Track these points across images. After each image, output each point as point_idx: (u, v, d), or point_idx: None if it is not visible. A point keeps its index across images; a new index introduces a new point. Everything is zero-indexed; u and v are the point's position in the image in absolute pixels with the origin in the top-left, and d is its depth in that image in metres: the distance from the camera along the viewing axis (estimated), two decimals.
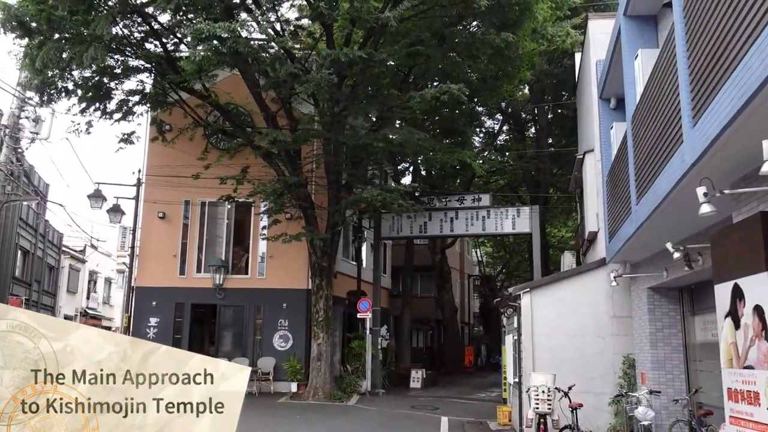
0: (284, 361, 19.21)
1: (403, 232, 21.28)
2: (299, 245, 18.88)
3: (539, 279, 13.06)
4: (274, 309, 19.87)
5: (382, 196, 15.35)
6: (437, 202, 20.67)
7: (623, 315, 11.89)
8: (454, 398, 20.31)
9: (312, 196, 18.74)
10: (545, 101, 23.77)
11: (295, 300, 19.86)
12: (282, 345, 19.69)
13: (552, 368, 11.81)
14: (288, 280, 19.99)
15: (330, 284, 18.37)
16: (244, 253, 20.80)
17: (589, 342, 11.87)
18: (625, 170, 9.36)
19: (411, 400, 18.97)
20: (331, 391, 17.84)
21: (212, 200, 20.28)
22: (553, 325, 12.03)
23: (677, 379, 10.27)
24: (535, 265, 19.79)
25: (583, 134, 14.59)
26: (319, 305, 18.13)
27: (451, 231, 20.73)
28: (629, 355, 11.50)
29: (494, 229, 20.23)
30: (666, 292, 10.50)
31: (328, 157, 17.02)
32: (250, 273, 20.41)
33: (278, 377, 19.15)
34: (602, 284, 12.07)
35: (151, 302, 19.94)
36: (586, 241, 13.56)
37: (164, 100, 18.35)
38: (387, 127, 14.78)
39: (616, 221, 10.28)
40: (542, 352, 11.93)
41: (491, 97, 17.39)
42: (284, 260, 20.00)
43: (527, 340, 11.96)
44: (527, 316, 12.05)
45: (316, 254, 18.16)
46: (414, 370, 24.02)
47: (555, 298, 12.17)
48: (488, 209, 20.31)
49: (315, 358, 17.95)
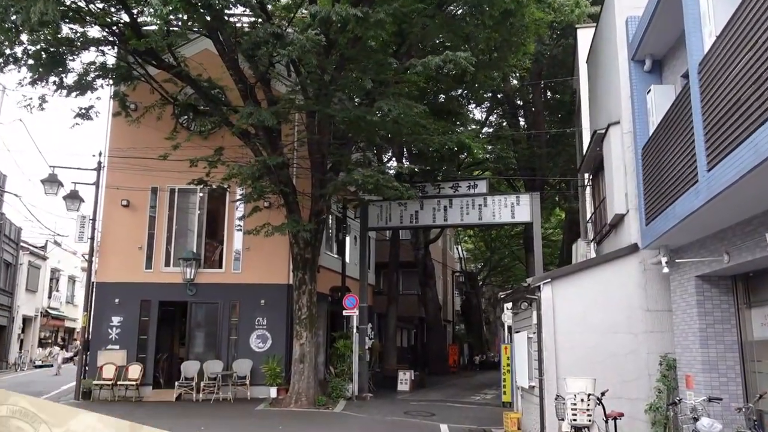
0: (262, 363, 17.42)
1: (392, 221, 19.60)
2: (279, 235, 17.11)
3: (561, 268, 11.50)
4: (252, 306, 18.05)
5: (374, 177, 13.62)
6: (430, 189, 19.04)
7: (659, 309, 10.36)
8: (448, 402, 18.70)
9: (294, 180, 16.98)
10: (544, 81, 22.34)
11: (274, 296, 18.07)
12: (260, 346, 17.88)
13: (577, 370, 10.22)
14: (267, 275, 18.19)
15: (314, 278, 16.62)
16: (218, 245, 18.93)
17: (620, 340, 10.33)
18: (682, 134, 7.81)
19: (402, 405, 17.31)
20: (315, 396, 16.11)
21: (183, 187, 18.37)
22: (578, 321, 10.47)
23: (732, 383, 8.76)
24: (537, 258, 18.26)
25: (602, 106, 13.07)
26: (301, 301, 16.37)
27: (444, 220, 19.12)
28: (667, 355, 9.98)
29: (492, 218, 18.66)
30: (717, 281, 8.98)
31: (312, 136, 15.25)
32: (224, 267, 18.55)
33: (256, 381, 17.35)
34: (634, 273, 10.54)
35: (113, 299, 17.95)
36: (607, 227, 12.03)
37: (129, 73, 16.42)
38: (381, 100, 13.05)
39: (662, 198, 8.73)
40: (565, 352, 10.36)
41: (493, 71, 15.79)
42: (262, 252, 18.19)
43: (549, 338, 10.37)
44: (548, 311, 10.47)
45: (298, 245, 16.39)
46: (401, 371, 22.40)
47: (580, 289, 10.61)
48: (485, 197, 18.73)
49: (297, 359, 16.19)
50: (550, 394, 10.12)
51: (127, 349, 17.65)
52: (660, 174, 8.91)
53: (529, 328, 11.65)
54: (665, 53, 10.04)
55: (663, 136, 8.74)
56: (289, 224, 15.18)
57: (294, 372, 16.20)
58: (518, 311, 13.45)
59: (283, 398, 16.34)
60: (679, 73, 9.59)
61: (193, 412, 14.98)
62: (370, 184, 13.77)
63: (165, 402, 16.61)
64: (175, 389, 16.90)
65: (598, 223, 13.85)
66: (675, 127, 8.16)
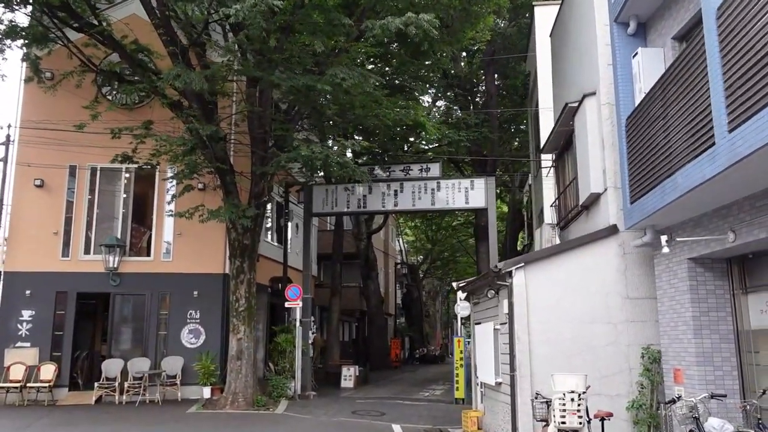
0: (195, 360, 15.79)
1: (338, 206, 18.25)
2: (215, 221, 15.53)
3: (535, 252, 10.46)
4: (183, 298, 16.37)
5: (324, 153, 12.23)
6: (379, 172, 17.80)
7: (639, 296, 9.46)
8: (397, 399, 17.55)
9: (231, 159, 15.40)
10: (496, 65, 21.43)
11: (209, 287, 16.44)
12: (192, 341, 16.23)
13: (553, 364, 9.23)
14: (200, 263, 16.54)
15: (253, 266, 15.12)
16: (146, 231, 17.12)
17: (598, 330, 9.37)
18: (688, 96, 6.83)
19: (348, 404, 16.04)
20: (253, 396, 14.64)
21: (106, 166, 16.49)
22: (553, 310, 9.45)
23: (728, 377, 7.90)
24: (491, 245, 17.31)
25: (572, 80, 12.13)
26: (239, 292, 14.85)
27: (395, 206, 17.89)
28: (650, 347, 9.07)
29: (445, 203, 17.56)
30: (711, 264, 8.11)
31: (253, 108, 13.72)
32: (153, 254, 16.77)
33: (187, 381, 15.71)
34: (612, 258, 9.61)
35: (23, 291, 15.91)
36: (578, 208, 11.09)
37: (44, 35, 14.44)
38: (333, 67, 11.66)
39: (654, 172, 7.77)
40: (540, 345, 9.32)
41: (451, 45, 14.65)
42: (196, 239, 16.52)
43: (522, 329, 9.31)
44: (521, 299, 9.41)
45: (236, 230, 14.84)
46: (345, 367, 21.11)
47: (554, 275, 9.59)
48: (438, 181, 17.62)
49: (234, 356, 14.67)
50: (524, 392, 9.08)
51: (40, 346, 15.66)
52: (652, 145, 7.94)
53: (496, 318, 10.59)
54: (651, 14, 9.11)
55: (657, 101, 7.76)
56: (227, 209, 13.61)
57: (230, 370, 14.68)
58: (479, 301, 12.40)
59: (218, 399, 14.80)
60: (669, 35, 8.67)
61: (114, 417, 13.26)
62: (319, 161, 12.38)
63: (82, 405, 14.76)
64: (94, 391, 15.07)
65: (564, 207, 12.94)
66: (676, 89, 7.17)
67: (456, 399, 16.51)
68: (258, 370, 16.63)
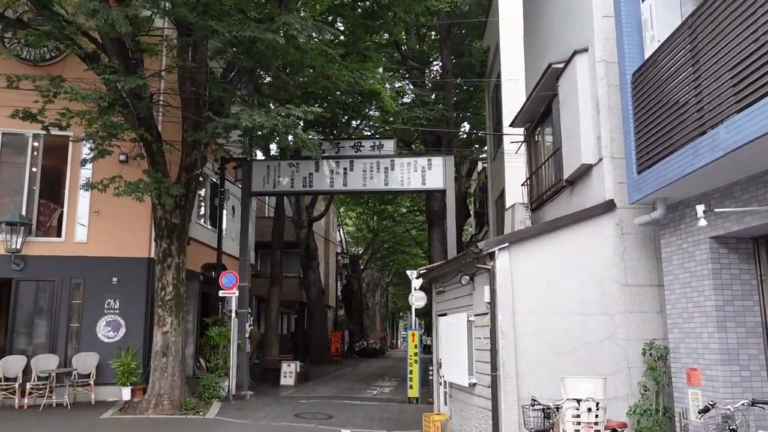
0: (113, 357, 13.73)
1: (281, 185, 16.42)
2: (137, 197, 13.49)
3: (520, 231, 8.98)
4: (101, 285, 14.24)
5: (272, 122, 10.40)
6: (327, 148, 16.07)
7: (639, 283, 8.16)
8: (343, 398, 15.91)
9: (159, 127, 13.38)
10: (450, 42, 19.99)
11: (130, 272, 14.37)
12: (110, 335, 14.14)
13: (542, 363, 7.83)
14: (121, 245, 14.44)
15: (182, 249, 13.17)
16: (56, 208, 14.85)
17: (593, 323, 8.02)
18: (741, 29, 5.45)
19: (290, 404, 14.31)
20: (181, 398, 12.74)
21: (9, 131, 14.19)
22: (542, 299, 8.04)
23: (756, 378, 6.64)
24: (449, 231, 15.87)
25: (553, 39, 10.71)
26: (166, 278, 12.89)
27: (344, 185, 16.19)
28: (654, 342, 7.78)
29: (400, 184, 15.99)
30: (736, 245, 6.84)
31: (185, 63, 11.74)
32: (65, 235, 14.53)
33: (104, 380, 13.64)
34: (609, 238, 8.27)
35: None
36: (562, 184, 9.74)
37: None
38: (286, 15, 9.84)
39: (676, 132, 6.41)
40: (527, 339, 7.89)
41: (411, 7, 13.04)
42: (116, 217, 14.42)
43: (506, 320, 7.85)
44: (506, 285, 7.94)
45: (163, 207, 12.86)
46: (285, 363, 19.31)
47: (543, 258, 8.18)
48: (392, 159, 16.05)
49: (159, 352, 12.71)
50: (509, 395, 7.62)
51: None
52: (672, 100, 6.58)
53: (469, 308, 9.11)
54: None
55: (681, 47, 6.39)
56: (151, 183, 11.62)
57: (154, 368, 12.72)
58: (444, 289, 10.91)
59: (139, 401, 12.82)
60: None
61: (10, 425, 11.11)
62: (266, 128, 10.55)
63: None
64: None
65: (537, 186, 11.60)
66: (716, 26, 5.80)
67: (409, 398, 15.05)
68: (187, 367, 14.68)
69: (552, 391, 7.54)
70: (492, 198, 19.44)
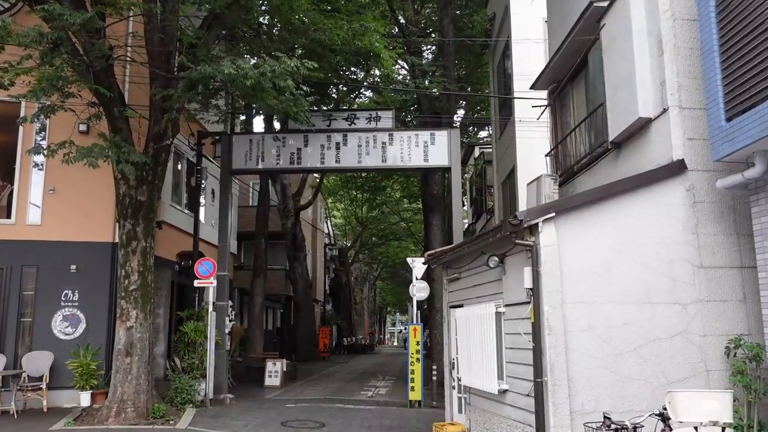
0: (71, 357, 11.89)
1: (265, 162, 14.61)
2: (99, 171, 11.64)
3: (569, 198, 7.17)
4: (57, 274, 12.39)
5: (261, 69, 8.60)
6: (318, 121, 14.27)
7: (718, 264, 6.49)
8: (336, 402, 14.16)
9: (126, 94, 11.53)
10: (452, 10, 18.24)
11: (92, 259, 12.52)
12: (68, 331, 12.29)
13: (600, 365, 6.14)
14: (81, 228, 12.59)
15: (150, 231, 11.34)
16: (5, 185, 12.94)
17: (661, 315, 6.33)
18: None
19: (276, 410, 12.54)
20: (148, 404, 10.93)
21: None
22: (596, 285, 6.34)
23: None
24: (455, 212, 14.14)
25: None
26: (131, 265, 11.06)
27: (337, 162, 14.39)
28: (742, 339, 6.10)
29: (399, 161, 14.23)
30: None
31: (152, 7, 9.88)
32: (15, 216, 12.62)
33: (59, 383, 11.80)
34: (678, 209, 6.59)
35: None
36: (607, 145, 8.05)
37: None
38: None
39: None
40: (580, 336, 6.19)
41: None
42: (75, 196, 12.58)
43: (554, 312, 6.14)
44: (552, 267, 6.23)
45: (126, 182, 11.02)
46: (270, 361, 17.52)
47: (597, 234, 6.48)
48: (391, 133, 14.29)
49: (122, 351, 10.89)
50: (560, 409, 5.91)
51: None
52: None
53: (498, 298, 7.39)
54: None
55: None
56: (109, 147, 9.77)
57: (116, 369, 10.89)
58: (460, 276, 9.18)
59: (99, 408, 11.00)
60: None
61: None
62: (250, 78, 8.76)
63: None
64: None
65: (564, 156, 9.91)
66: None
67: (411, 401, 13.33)
68: (158, 368, 12.92)
69: (613, 401, 5.90)
70: (497, 181, 17.73)
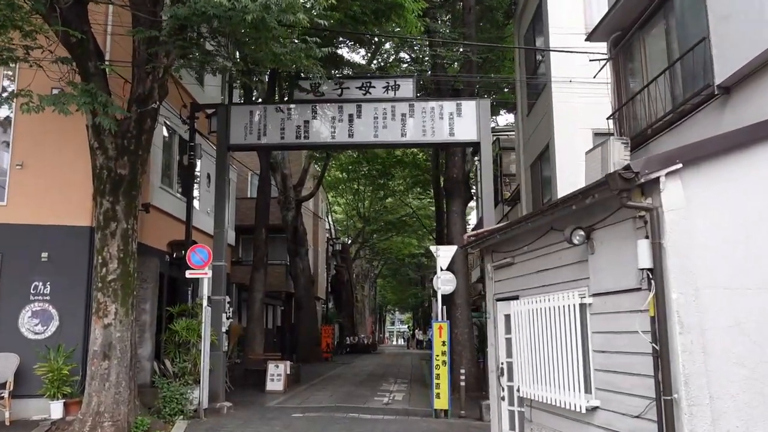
0: (40, 360, 10.10)
1: (266, 137, 12.80)
2: (75, 143, 9.87)
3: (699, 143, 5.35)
4: (25, 263, 10.61)
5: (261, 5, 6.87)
6: (328, 90, 12.49)
7: None
8: (349, 410, 12.37)
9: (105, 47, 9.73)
10: None
11: (66, 246, 10.73)
12: (38, 330, 10.50)
13: (751, 377, 4.34)
14: (55, 210, 10.80)
15: (132, 211, 9.54)
16: None
17: None
18: None
19: (281, 421, 10.75)
20: (130, 417, 9.15)
21: None
22: (741, 265, 4.56)
23: None
24: (486, 193, 12.36)
25: None
26: (109, 251, 9.26)
27: (350, 137, 12.59)
28: None
29: (421, 135, 12.44)
30: None
31: None
32: None
33: (26, 391, 10.01)
34: None
35: None
36: (711, 90, 6.32)
37: None
38: None
39: None
40: (722, 336, 4.41)
41: None
42: (47, 172, 10.80)
43: (687, 302, 4.35)
44: (681, 239, 4.44)
45: (104, 151, 9.24)
46: (272, 363, 15.75)
47: (735, 194, 4.71)
48: (411, 103, 12.51)
49: (99, 353, 9.10)
50: None
51: None
52: None
53: (581, 285, 5.61)
54: None
55: None
56: (79, 93, 7.99)
57: (92, 375, 9.10)
58: (513, 261, 7.40)
59: (72, 421, 9.22)
60: None
61: None
62: (251, 13, 6.99)
63: None
64: None
65: (634, 118, 8.15)
66: None
67: (436, 410, 11.56)
68: (143, 373, 11.12)
69: None
70: (524, 164, 15.96)
